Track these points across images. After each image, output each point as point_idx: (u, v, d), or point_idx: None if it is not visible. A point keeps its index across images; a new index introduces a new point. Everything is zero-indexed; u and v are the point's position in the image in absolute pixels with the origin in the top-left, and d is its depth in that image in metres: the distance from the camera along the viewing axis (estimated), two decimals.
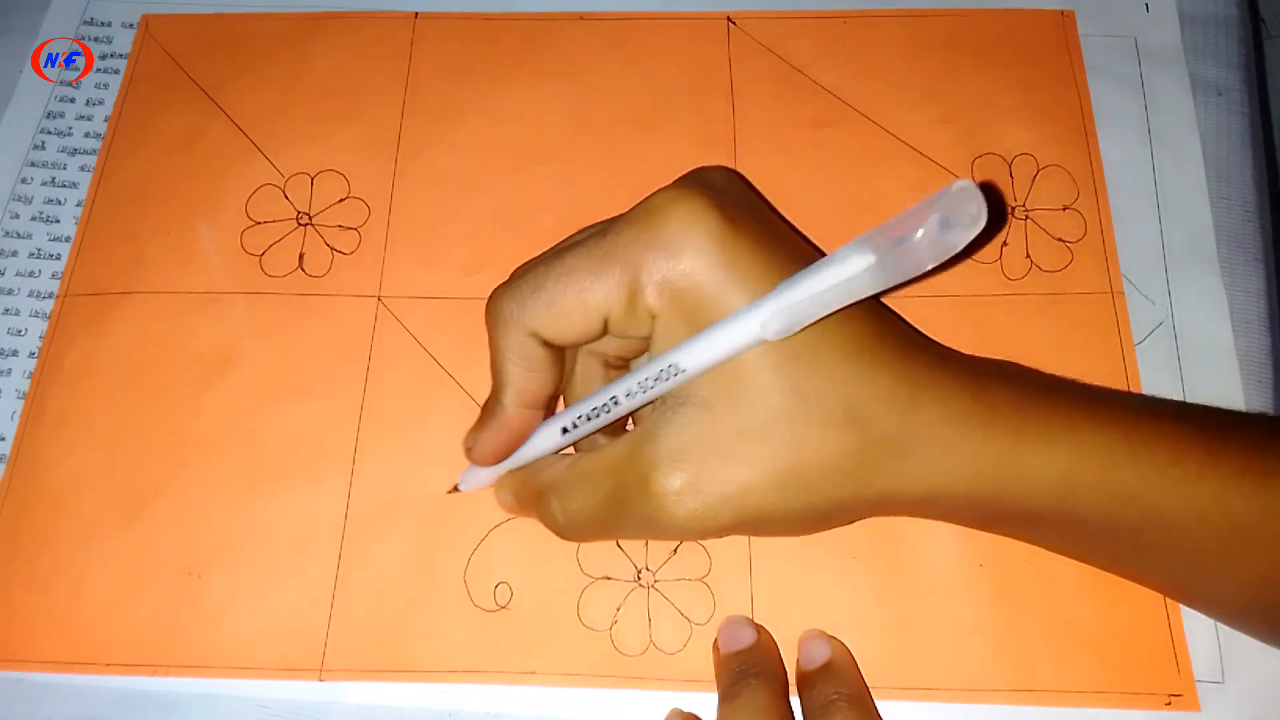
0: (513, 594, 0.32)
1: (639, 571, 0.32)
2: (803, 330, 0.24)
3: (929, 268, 0.21)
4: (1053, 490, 0.26)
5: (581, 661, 0.31)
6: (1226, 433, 0.27)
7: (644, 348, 0.29)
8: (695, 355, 0.25)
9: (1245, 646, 0.31)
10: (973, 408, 0.26)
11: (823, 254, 0.24)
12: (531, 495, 0.29)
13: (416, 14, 0.40)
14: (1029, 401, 0.27)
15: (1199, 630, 0.31)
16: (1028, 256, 0.36)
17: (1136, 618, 0.31)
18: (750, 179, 0.37)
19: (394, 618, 0.31)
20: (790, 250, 0.26)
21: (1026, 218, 0.36)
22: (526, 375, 0.27)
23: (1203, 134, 0.38)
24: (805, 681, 0.29)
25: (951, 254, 0.21)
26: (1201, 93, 0.39)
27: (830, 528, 0.29)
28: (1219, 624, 0.31)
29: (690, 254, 0.25)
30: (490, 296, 0.27)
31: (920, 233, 0.21)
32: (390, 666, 0.31)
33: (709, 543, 0.32)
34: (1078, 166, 0.37)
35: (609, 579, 0.32)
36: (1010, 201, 0.37)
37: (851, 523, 0.29)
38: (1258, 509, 0.25)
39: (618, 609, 0.31)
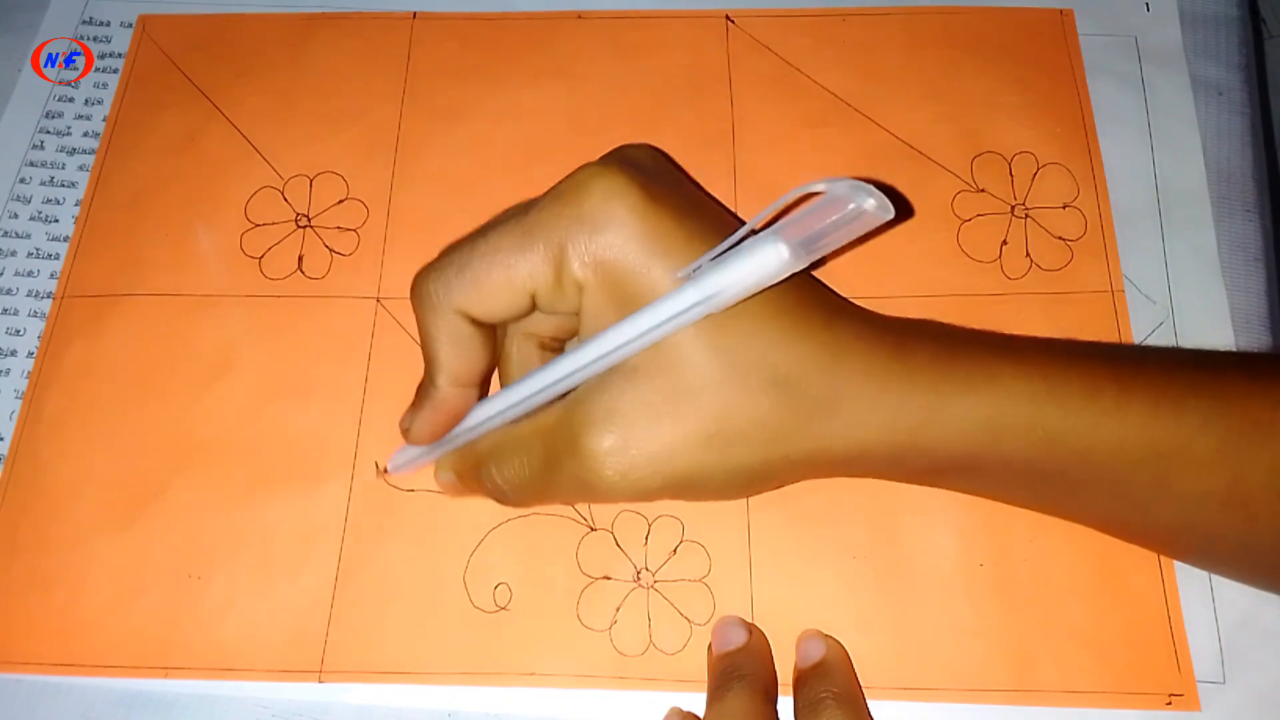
0: (512, 595, 0.31)
1: (638, 572, 0.32)
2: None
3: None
4: (978, 437, 0.26)
5: (581, 662, 0.31)
6: (1139, 365, 0.27)
7: (577, 328, 0.29)
8: (622, 335, 0.25)
9: (1247, 646, 0.31)
10: (893, 365, 0.26)
11: (743, 223, 0.24)
12: (470, 468, 0.29)
13: (415, 14, 0.40)
14: (951, 354, 0.27)
15: (1200, 630, 0.31)
16: (1028, 255, 0.36)
17: (1137, 617, 0.31)
18: (749, 177, 0.37)
19: (393, 619, 0.31)
20: (711, 221, 0.26)
21: (1026, 216, 0.36)
22: (457, 355, 0.27)
23: (1203, 134, 0.38)
24: (800, 680, 0.29)
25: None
26: (1201, 93, 0.39)
27: (760, 491, 0.29)
28: (1220, 623, 0.31)
29: (613, 227, 0.25)
30: (415, 278, 0.27)
31: (833, 218, 0.22)
32: (390, 668, 0.31)
33: (709, 543, 0.32)
34: (1078, 165, 0.37)
35: (608, 579, 0.32)
36: (1010, 200, 0.37)
37: (781, 486, 0.30)
38: (1176, 435, 0.26)
39: (617, 609, 0.31)
